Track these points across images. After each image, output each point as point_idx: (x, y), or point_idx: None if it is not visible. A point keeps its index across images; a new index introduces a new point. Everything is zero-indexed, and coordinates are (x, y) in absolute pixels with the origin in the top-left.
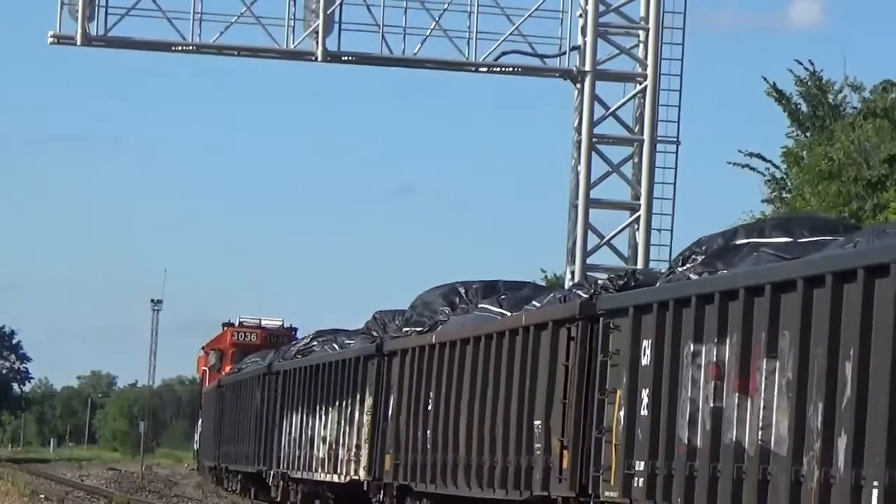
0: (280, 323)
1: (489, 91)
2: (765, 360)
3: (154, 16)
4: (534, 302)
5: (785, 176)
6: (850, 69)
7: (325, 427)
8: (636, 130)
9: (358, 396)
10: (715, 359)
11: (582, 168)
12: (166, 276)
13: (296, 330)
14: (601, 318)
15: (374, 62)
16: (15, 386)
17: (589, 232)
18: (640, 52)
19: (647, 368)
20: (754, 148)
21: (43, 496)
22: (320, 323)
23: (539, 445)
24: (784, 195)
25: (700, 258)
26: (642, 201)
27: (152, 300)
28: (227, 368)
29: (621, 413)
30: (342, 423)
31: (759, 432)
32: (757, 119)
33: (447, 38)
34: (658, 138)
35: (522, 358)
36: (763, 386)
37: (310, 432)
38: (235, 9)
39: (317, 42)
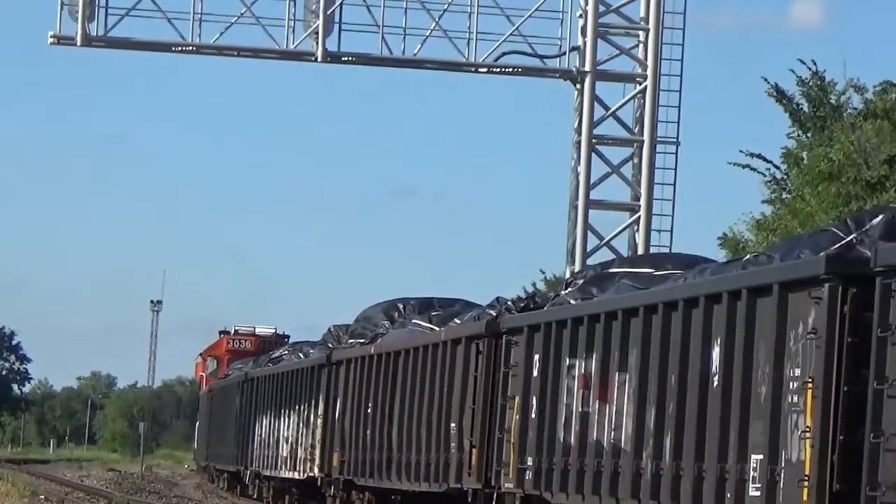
0: (273, 331)
1: (489, 91)
2: (618, 374)
3: (154, 16)
4: (455, 319)
5: (785, 177)
6: (851, 70)
7: (287, 429)
8: (636, 131)
9: (313, 401)
10: (584, 371)
11: (582, 168)
12: (165, 277)
13: (288, 337)
14: (504, 336)
15: (374, 62)
16: (15, 387)
17: (589, 232)
18: (640, 53)
19: (536, 379)
20: (755, 148)
21: (43, 497)
22: (320, 324)
23: (454, 445)
24: (784, 196)
25: (580, 283)
26: (642, 202)
27: (152, 301)
28: (223, 374)
29: (517, 417)
30: (301, 425)
31: (612, 433)
32: (757, 120)
33: (447, 39)
34: (658, 139)
35: (442, 369)
36: (616, 395)
37: (276, 434)
38: (235, 9)
39: (317, 42)
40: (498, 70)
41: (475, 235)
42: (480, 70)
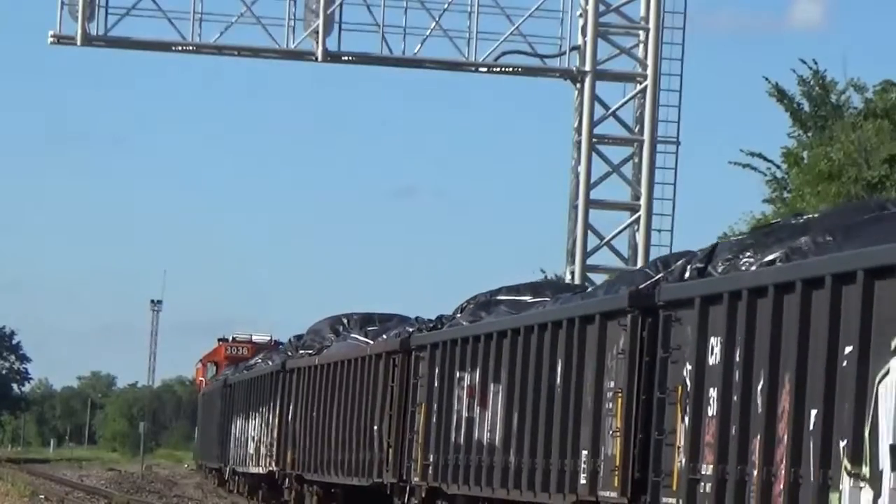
0: (269, 338)
1: (489, 91)
2: (492, 384)
3: (154, 16)
4: (383, 335)
5: (786, 176)
6: (851, 69)
7: (254, 429)
8: (636, 130)
9: (272, 404)
10: (470, 383)
11: (582, 168)
12: (166, 277)
13: (282, 344)
14: (413, 352)
15: (374, 62)
16: (15, 386)
17: (589, 232)
18: (640, 52)
19: (436, 389)
20: (755, 148)
21: (43, 496)
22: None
23: (376, 445)
24: (784, 195)
25: (471, 307)
26: (642, 202)
27: (152, 300)
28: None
29: (423, 421)
30: (263, 426)
31: (488, 434)
32: (757, 119)
33: (447, 38)
34: (658, 138)
35: (368, 379)
36: (492, 402)
37: (246, 433)
38: (235, 9)
39: (317, 42)
40: (498, 70)
41: (475, 235)
42: (480, 70)
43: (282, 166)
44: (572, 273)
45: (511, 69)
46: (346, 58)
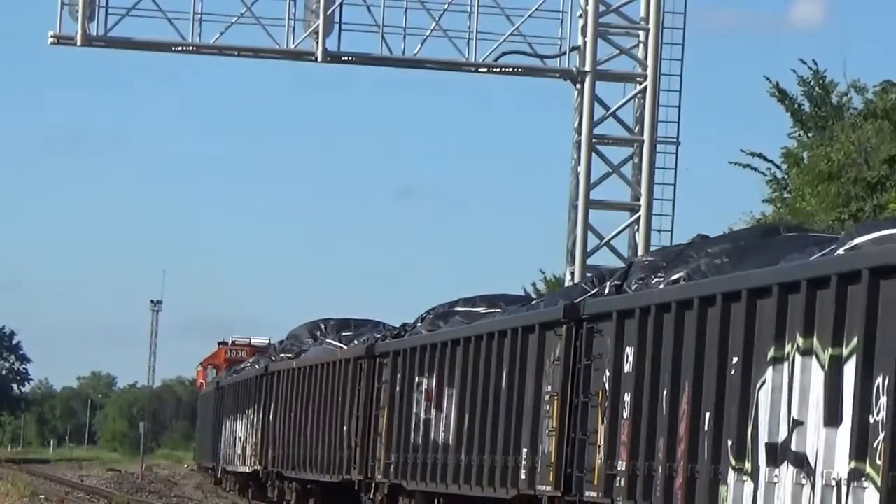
0: (268, 341)
1: (489, 91)
2: (447, 388)
3: (154, 16)
4: (354, 341)
5: (786, 176)
6: (851, 69)
7: (241, 429)
8: (636, 131)
9: (256, 406)
10: (427, 387)
11: (582, 168)
12: (166, 277)
13: None
14: (378, 358)
15: (374, 62)
16: (15, 387)
17: (589, 232)
18: (640, 53)
19: (398, 393)
20: (755, 148)
21: (43, 496)
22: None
23: (346, 444)
24: (785, 196)
25: (430, 318)
26: (642, 202)
27: (152, 300)
28: None
29: (386, 422)
30: (248, 427)
31: (443, 434)
32: (757, 119)
33: (447, 39)
34: (658, 138)
35: (340, 383)
36: (446, 405)
37: (234, 434)
38: (235, 9)
39: (317, 42)
40: (498, 70)
41: (475, 235)
42: (480, 70)
43: (282, 166)
44: (572, 273)
45: (511, 69)
46: (346, 58)
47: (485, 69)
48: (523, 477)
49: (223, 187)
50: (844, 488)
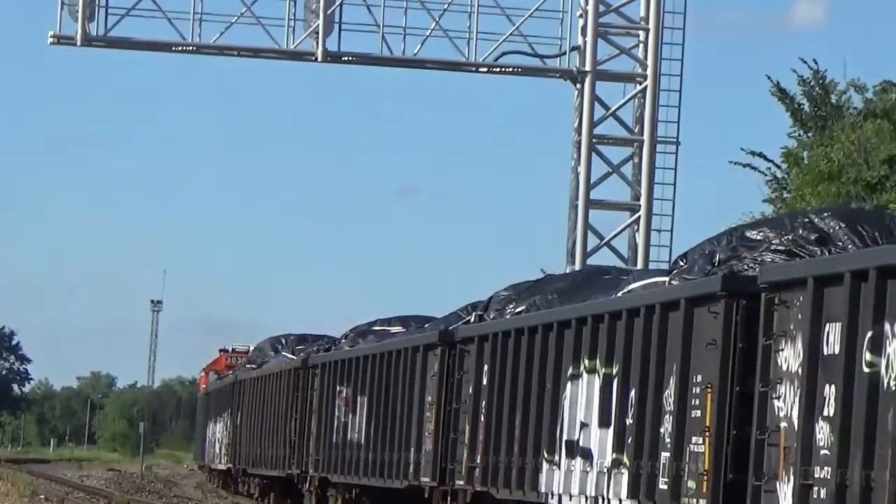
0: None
1: (489, 91)
2: (360, 396)
3: (154, 16)
4: (301, 354)
5: (786, 176)
6: (851, 69)
7: (219, 431)
8: (636, 131)
9: (229, 410)
10: (346, 395)
11: (582, 168)
12: (166, 277)
13: None
14: (310, 369)
15: (374, 62)
16: (15, 387)
17: (589, 232)
18: (640, 53)
19: (324, 399)
20: (755, 148)
21: (43, 496)
22: (320, 324)
23: (288, 442)
24: (784, 196)
25: (352, 335)
26: (642, 202)
27: (152, 300)
28: None
29: (316, 424)
30: (224, 429)
31: (356, 435)
32: (757, 119)
33: (447, 39)
34: (658, 138)
35: (282, 390)
36: (360, 410)
37: (215, 435)
38: (235, 9)
39: (317, 42)
40: (498, 70)
41: (475, 235)
42: (480, 70)
43: (282, 166)
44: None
45: (511, 69)
46: (346, 58)
47: (485, 69)
48: (411, 471)
49: (223, 187)
50: (608, 474)
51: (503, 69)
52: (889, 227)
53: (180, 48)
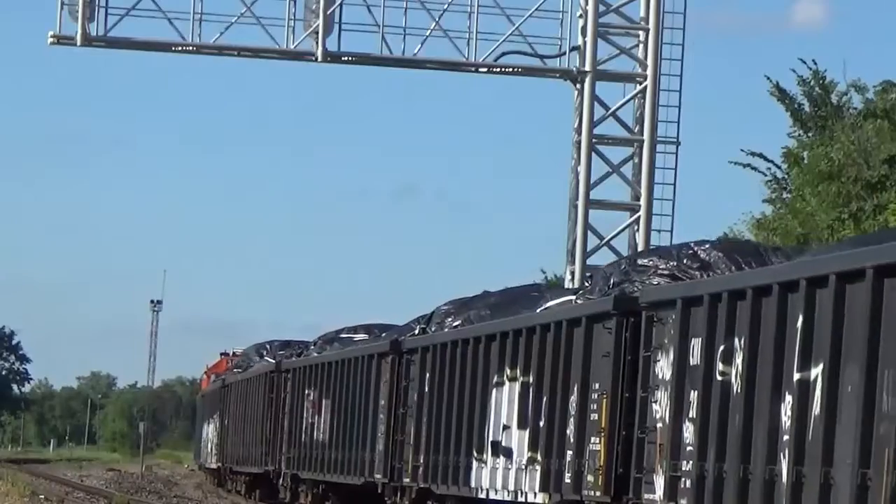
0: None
1: (489, 91)
2: (324, 399)
3: (154, 16)
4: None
5: (786, 176)
6: (851, 69)
7: (211, 432)
8: (636, 131)
9: (219, 412)
10: (312, 398)
11: (582, 168)
12: (166, 277)
13: None
14: (282, 373)
15: (374, 62)
16: (15, 387)
17: (589, 232)
18: (640, 53)
19: (295, 401)
20: (755, 148)
21: (43, 496)
22: (320, 324)
23: (265, 442)
24: (784, 196)
25: (320, 342)
26: (642, 202)
27: (152, 300)
28: None
29: (287, 424)
30: (214, 430)
31: (321, 434)
32: (757, 119)
33: (447, 39)
34: (658, 138)
35: (259, 393)
36: (324, 411)
37: (208, 436)
38: (235, 9)
39: (317, 42)
40: (498, 70)
41: (475, 235)
42: (480, 70)
43: (282, 166)
44: (572, 273)
45: (511, 69)
46: (346, 58)
47: (485, 69)
48: (367, 468)
49: (223, 187)
50: (525, 471)
51: (503, 69)
52: (762, 256)
53: (180, 48)
